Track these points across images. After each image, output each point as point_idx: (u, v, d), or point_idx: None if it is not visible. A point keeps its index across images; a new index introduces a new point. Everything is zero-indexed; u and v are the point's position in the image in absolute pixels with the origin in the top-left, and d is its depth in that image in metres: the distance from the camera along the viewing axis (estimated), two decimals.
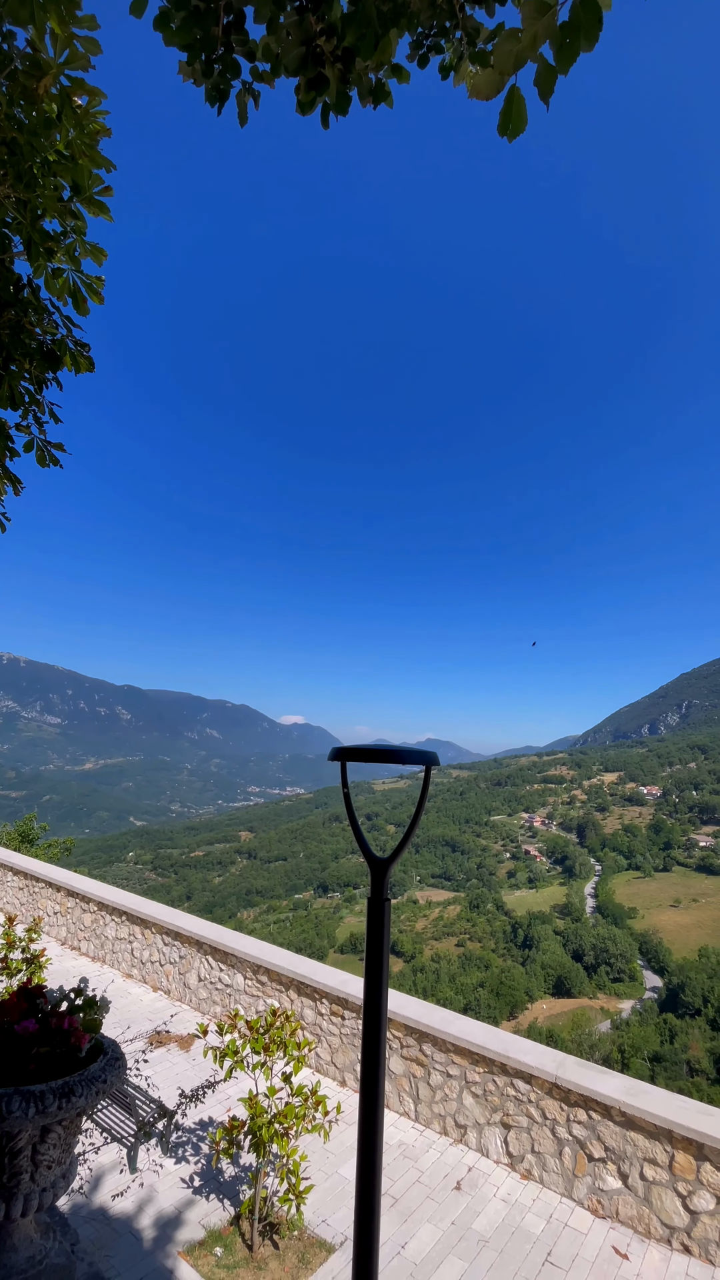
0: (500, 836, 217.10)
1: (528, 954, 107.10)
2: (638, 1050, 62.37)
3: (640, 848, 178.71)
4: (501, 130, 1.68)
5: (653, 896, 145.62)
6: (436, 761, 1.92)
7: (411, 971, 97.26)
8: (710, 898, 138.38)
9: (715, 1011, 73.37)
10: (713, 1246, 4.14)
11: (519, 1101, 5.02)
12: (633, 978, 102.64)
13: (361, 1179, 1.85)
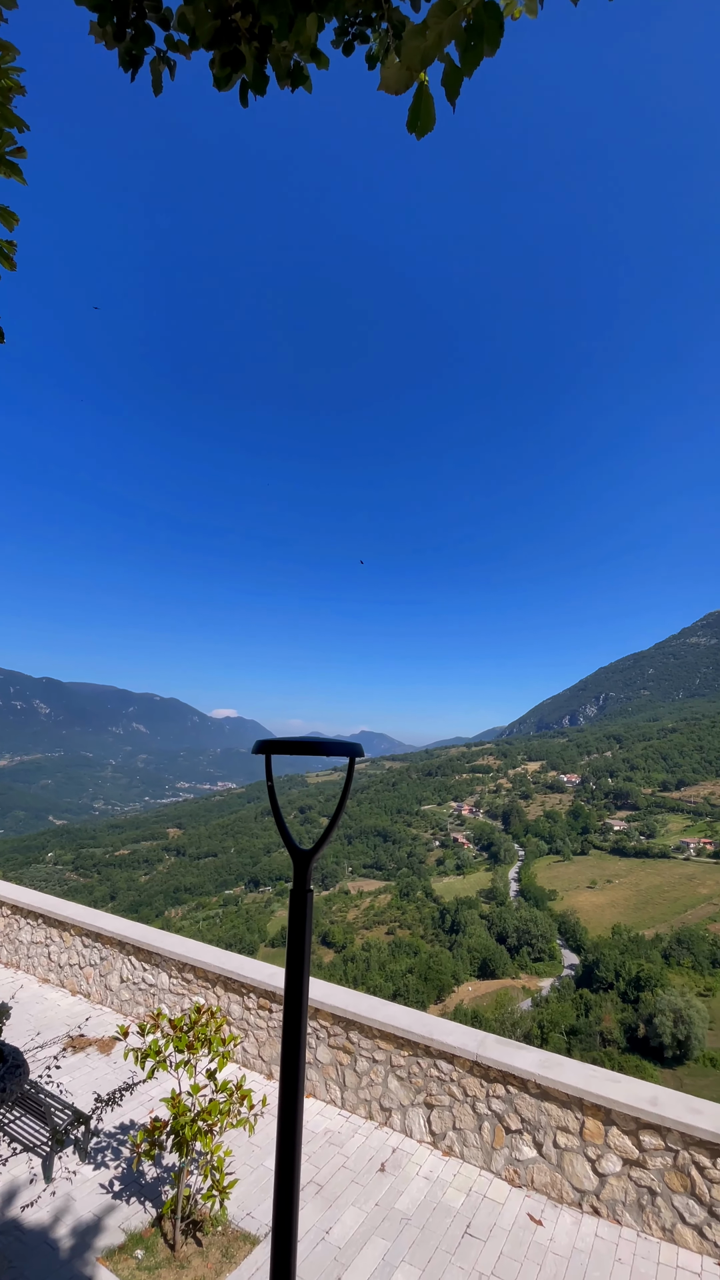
0: (430, 825, 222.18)
1: (455, 938, 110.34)
2: (556, 1025, 65.63)
3: (560, 833, 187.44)
4: (410, 127, 1.69)
5: (571, 879, 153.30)
6: (360, 753, 1.94)
7: (342, 961, 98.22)
8: (623, 878, 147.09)
9: (626, 985, 78.09)
10: (619, 1207, 4.42)
11: (442, 1081, 5.17)
12: (552, 957, 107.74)
13: (281, 1168, 1.86)
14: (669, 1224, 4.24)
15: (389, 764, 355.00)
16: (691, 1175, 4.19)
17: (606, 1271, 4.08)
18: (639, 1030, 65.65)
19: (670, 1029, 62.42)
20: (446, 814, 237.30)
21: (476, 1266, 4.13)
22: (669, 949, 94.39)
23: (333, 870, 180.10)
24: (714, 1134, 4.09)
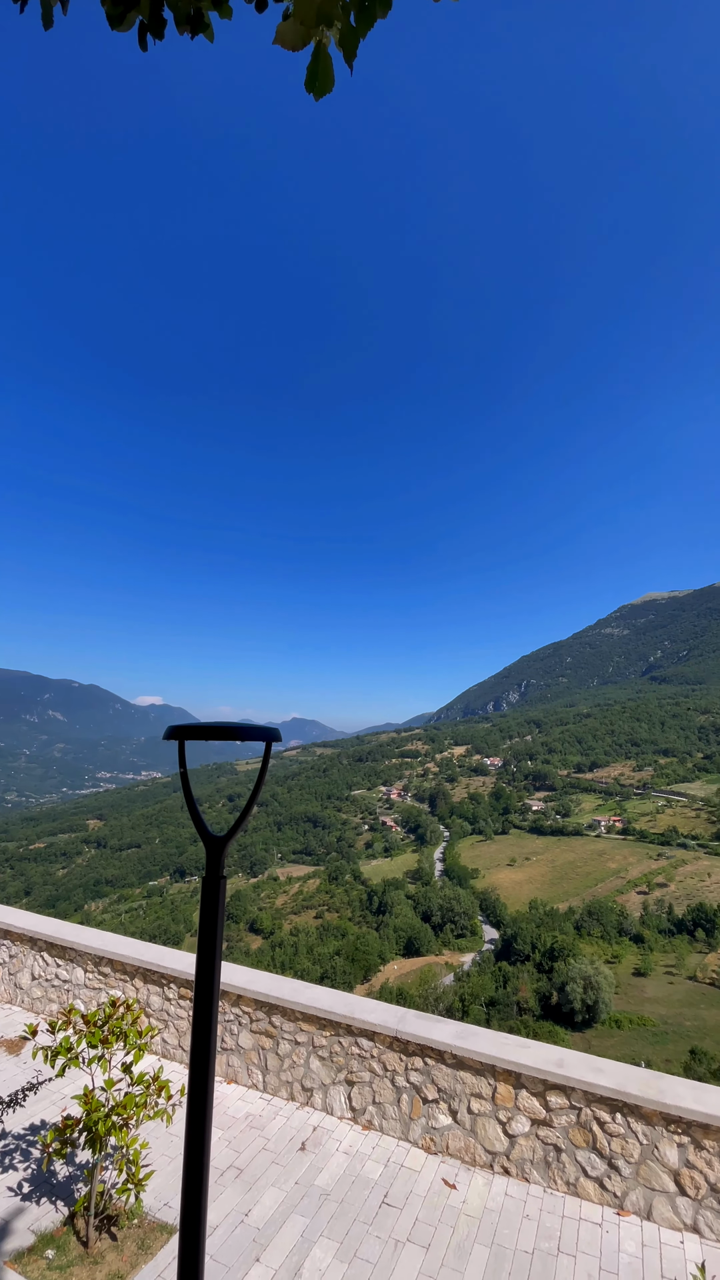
0: (360, 810, 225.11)
1: (382, 919, 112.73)
2: (476, 997, 68.49)
3: (483, 814, 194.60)
4: (308, 87, 1.65)
5: (492, 857, 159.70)
6: (277, 737, 1.91)
7: (270, 947, 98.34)
8: (540, 855, 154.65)
9: (541, 956, 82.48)
10: (527, 1165, 4.67)
11: (363, 1059, 5.28)
12: (474, 933, 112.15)
13: (190, 1154, 1.83)
14: (573, 1178, 4.52)
15: (320, 750, 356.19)
16: (593, 1130, 4.49)
17: (515, 1228, 4.31)
18: (552, 998, 69.55)
19: (580, 995, 66.51)
20: (376, 798, 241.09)
21: (393, 1234, 4.26)
22: (581, 920, 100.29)
23: (261, 857, 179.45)
24: (614, 1090, 4.38)
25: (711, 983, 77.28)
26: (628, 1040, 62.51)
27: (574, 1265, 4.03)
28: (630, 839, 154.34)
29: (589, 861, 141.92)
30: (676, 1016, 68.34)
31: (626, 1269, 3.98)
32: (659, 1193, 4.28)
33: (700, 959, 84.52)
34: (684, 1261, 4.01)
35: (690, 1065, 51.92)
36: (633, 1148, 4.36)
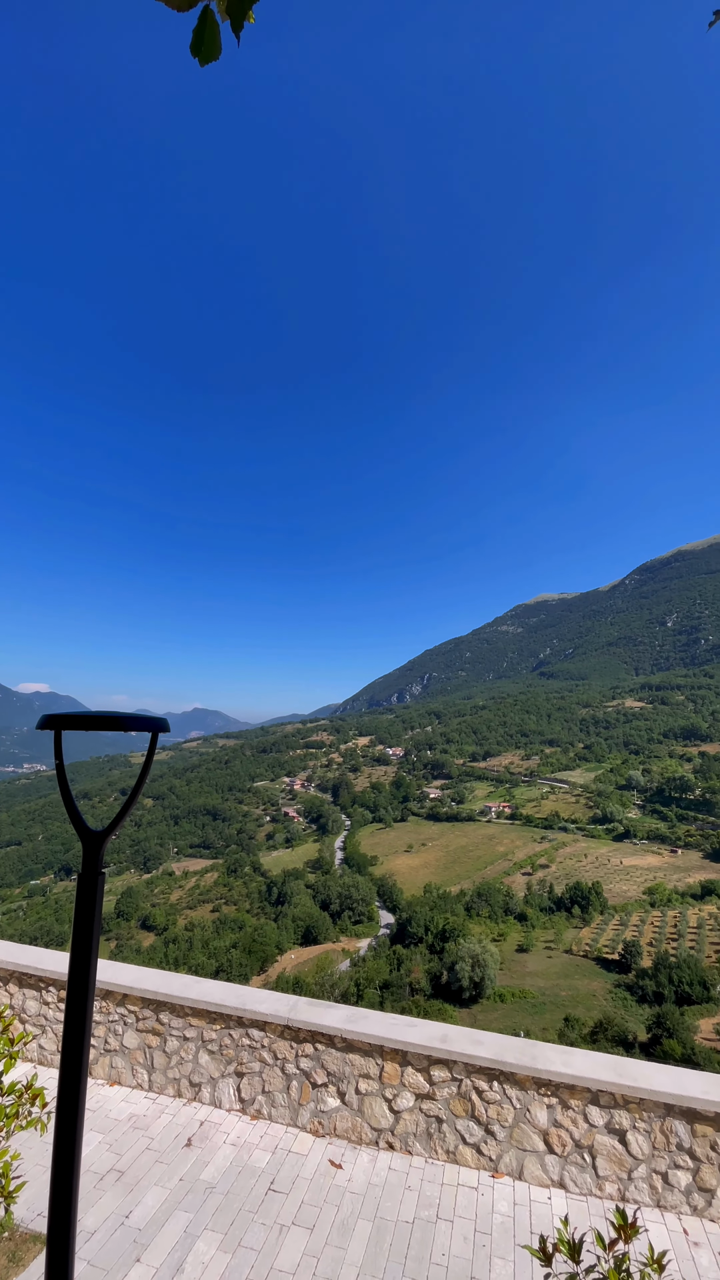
0: (262, 801, 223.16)
1: (281, 910, 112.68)
2: (371, 981, 70.19)
3: (384, 802, 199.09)
4: (193, 51, 1.59)
5: (391, 844, 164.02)
6: (164, 728, 1.83)
7: (163, 944, 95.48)
8: (435, 840, 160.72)
9: (433, 938, 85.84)
10: (411, 1138, 4.85)
11: (253, 1049, 5.25)
12: (371, 918, 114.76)
13: (59, 1158, 1.74)
14: (452, 1147, 4.75)
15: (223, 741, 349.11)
16: (472, 1099, 4.74)
17: (397, 1200, 4.47)
18: (443, 977, 72.64)
19: (468, 973, 69.93)
20: (279, 789, 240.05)
21: (278, 1219, 4.29)
22: (471, 902, 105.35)
23: (156, 852, 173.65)
24: (492, 1060, 4.65)
25: (585, 955, 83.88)
26: (510, 1013, 66.58)
27: (451, 1230, 4.25)
28: (518, 824, 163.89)
29: (480, 846, 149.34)
30: (554, 988, 73.64)
31: (499, 1228, 4.25)
32: (530, 1153, 4.60)
33: (576, 934, 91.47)
34: (551, 1216, 4.33)
35: (564, 1032, 56.19)
36: (507, 1113, 4.65)
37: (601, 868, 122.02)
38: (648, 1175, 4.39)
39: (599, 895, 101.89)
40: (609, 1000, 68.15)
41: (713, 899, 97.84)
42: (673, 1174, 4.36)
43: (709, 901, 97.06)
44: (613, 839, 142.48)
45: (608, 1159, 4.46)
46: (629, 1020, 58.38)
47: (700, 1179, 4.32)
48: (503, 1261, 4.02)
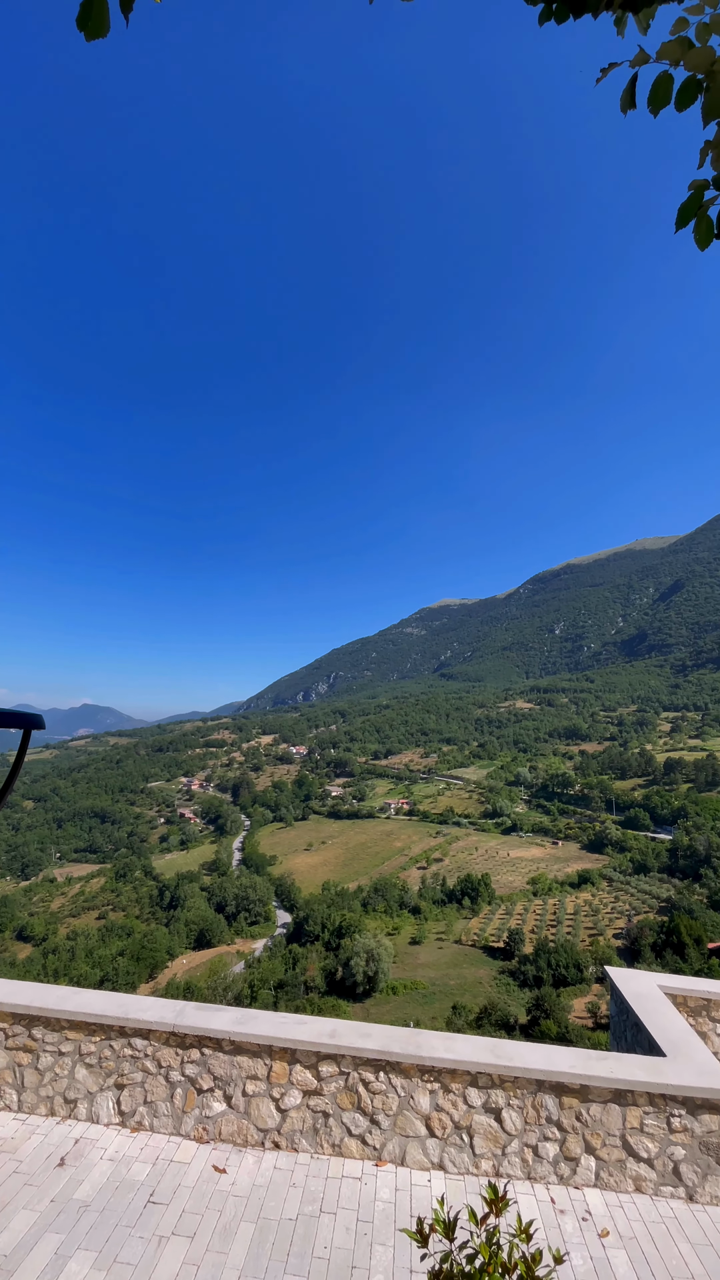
0: (156, 802, 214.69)
1: (173, 914, 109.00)
2: (265, 982, 69.56)
3: (286, 801, 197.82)
4: (79, 25, 1.53)
5: (291, 843, 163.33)
6: (39, 724, 1.72)
7: (41, 955, 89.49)
8: (336, 838, 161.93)
9: (330, 935, 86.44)
10: (297, 1135, 4.86)
11: (135, 1059, 5.05)
12: (268, 919, 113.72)
13: None
14: (338, 1140, 4.81)
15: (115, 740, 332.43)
16: (359, 1092, 4.82)
17: (281, 1198, 4.46)
18: (338, 973, 73.31)
19: (363, 968, 71.03)
20: (175, 790, 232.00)
21: (157, 1231, 4.15)
22: (368, 898, 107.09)
23: (36, 857, 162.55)
24: (379, 1052, 4.75)
25: (473, 944, 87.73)
26: (402, 1004, 68.37)
27: (334, 1222, 4.30)
28: (415, 819, 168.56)
29: (379, 842, 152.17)
30: (443, 977, 76.43)
31: (381, 1215, 4.35)
32: (412, 1138, 4.75)
33: (465, 924, 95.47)
34: (430, 1198, 4.49)
35: (451, 1019, 58.46)
36: (392, 1102, 4.77)
37: (491, 860, 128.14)
38: (520, 1150, 4.67)
39: (488, 886, 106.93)
40: (494, 986, 71.70)
41: (588, 887, 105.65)
42: (542, 1146, 4.65)
43: (584, 889, 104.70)
44: (501, 832, 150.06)
45: (484, 1137, 4.69)
46: (511, 1004, 61.72)
47: (566, 1149, 4.64)
48: (383, 1248, 4.12)
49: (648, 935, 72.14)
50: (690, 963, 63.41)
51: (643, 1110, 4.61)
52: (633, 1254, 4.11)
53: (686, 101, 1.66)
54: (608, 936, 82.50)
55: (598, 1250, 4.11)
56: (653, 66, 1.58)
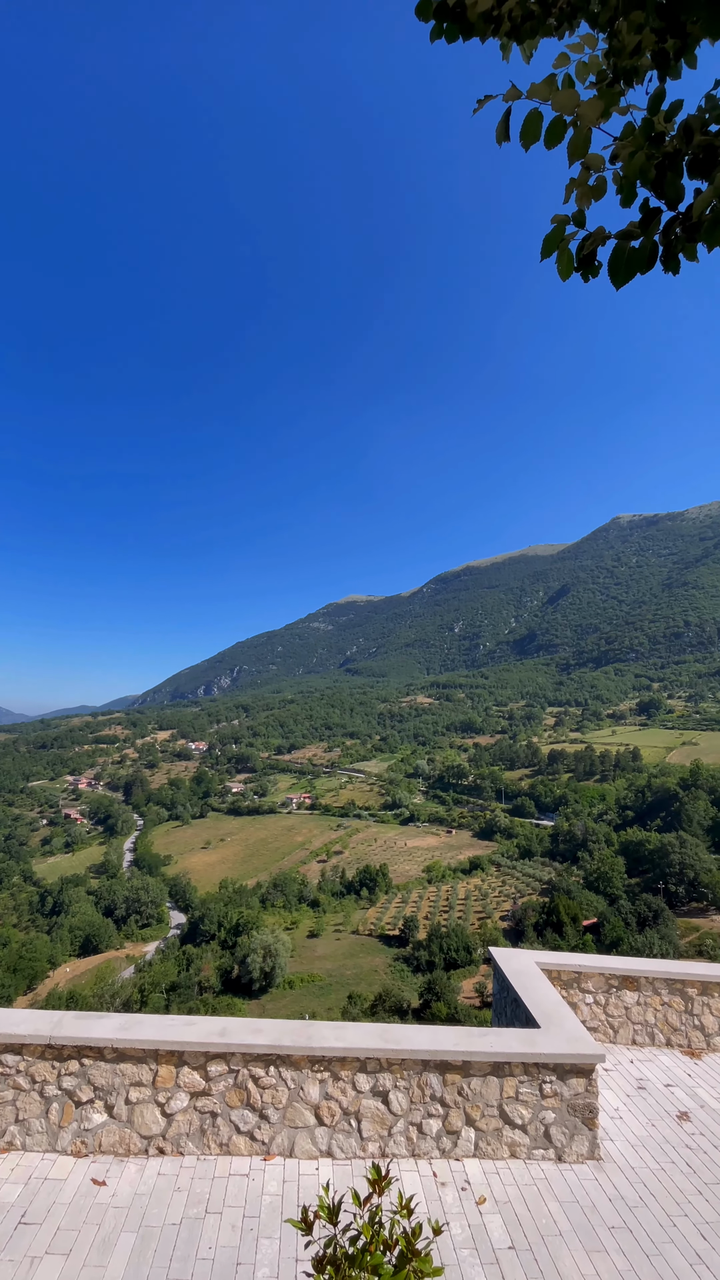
0: (38, 803, 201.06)
1: (55, 920, 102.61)
2: (157, 985, 67.25)
3: (183, 799, 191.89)
4: None
5: (187, 842, 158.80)
6: None
7: None
8: (235, 835, 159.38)
9: (226, 933, 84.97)
10: (183, 1139, 4.74)
11: (6, 1076, 4.71)
12: (161, 920, 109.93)
13: None
14: (226, 1139, 4.75)
15: None
16: (248, 1088, 4.78)
17: (165, 1204, 4.34)
18: (234, 971, 72.27)
19: (260, 964, 70.47)
20: (60, 789, 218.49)
21: (29, 1252, 3.91)
22: (266, 893, 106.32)
23: None
24: (269, 1047, 4.73)
25: (370, 934, 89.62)
26: (299, 998, 68.58)
27: (220, 1221, 4.24)
28: (316, 813, 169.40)
29: (279, 837, 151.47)
30: (340, 968, 77.49)
31: (268, 1209, 4.34)
32: (301, 1129, 4.78)
33: (363, 914, 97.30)
34: (317, 1186, 4.54)
35: (347, 1009, 59.41)
36: (282, 1095, 4.78)
37: (389, 850, 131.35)
38: (405, 1129, 4.83)
39: (385, 877, 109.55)
40: (389, 974, 73.65)
41: (478, 872, 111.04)
42: (426, 1123, 4.85)
43: (475, 875, 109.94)
44: (400, 823, 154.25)
45: (372, 1120, 4.81)
46: (405, 990, 63.67)
47: (449, 1123, 4.86)
48: (269, 1241, 4.12)
49: (531, 916, 76.97)
50: (567, 939, 68.36)
51: (518, 1080, 4.92)
52: (506, 1218, 4.38)
53: (554, 139, 1.73)
54: (495, 919, 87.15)
55: (475, 1218, 4.35)
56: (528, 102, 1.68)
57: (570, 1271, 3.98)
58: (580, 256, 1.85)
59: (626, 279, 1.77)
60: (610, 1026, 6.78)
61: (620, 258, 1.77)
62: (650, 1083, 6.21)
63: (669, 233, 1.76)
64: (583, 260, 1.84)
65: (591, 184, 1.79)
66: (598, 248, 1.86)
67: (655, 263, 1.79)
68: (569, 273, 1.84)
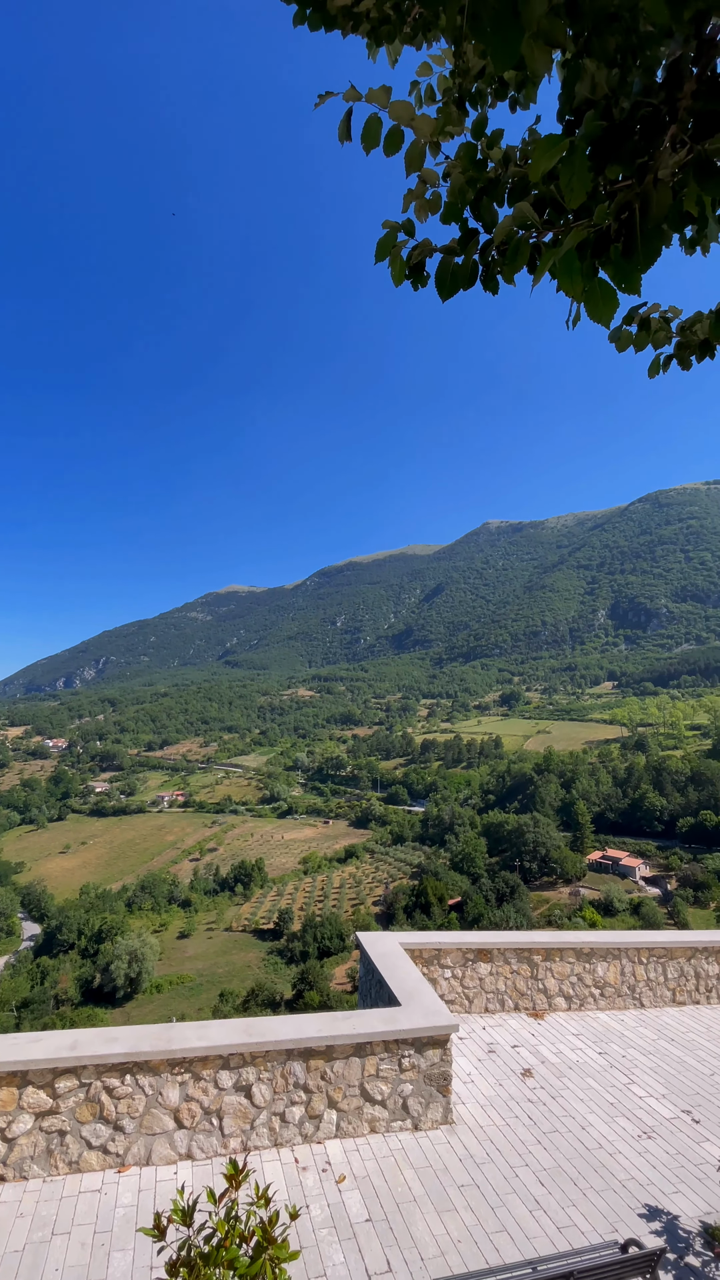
0: None
1: None
2: (5, 1003, 61.85)
3: (37, 801, 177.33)
4: None
5: (44, 847, 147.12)
6: None
7: None
8: (99, 837, 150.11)
9: (87, 941, 79.96)
10: (27, 1163, 4.40)
11: None
12: (11, 933, 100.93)
13: None
14: (75, 1156, 4.47)
15: None
16: (101, 1100, 4.53)
17: (7, 1231, 4.01)
18: (95, 980, 68.26)
19: (124, 970, 67.17)
20: None
21: None
22: (133, 897, 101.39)
23: None
24: (126, 1055, 4.52)
25: (243, 929, 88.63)
26: (167, 1001, 66.24)
27: (68, 1241, 3.99)
28: (190, 811, 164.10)
29: (148, 837, 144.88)
30: (212, 967, 75.89)
31: (121, 1222, 4.15)
32: (159, 1135, 4.62)
33: (237, 911, 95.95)
34: (175, 1191, 4.42)
35: (218, 1007, 58.39)
36: (139, 1103, 4.59)
37: (266, 844, 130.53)
38: (268, 1120, 4.84)
39: (261, 871, 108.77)
40: (262, 968, 73.33)
41: (353, 861, 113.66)
42: (289, 1111, 4.88)
43: (350, 863, 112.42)
44: (278, 816, 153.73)
45: (234, 1116, 4.76)
46: (278, 982, 63.77)
47: (311, 1108, 4.93)
48: (122, 1253, 3.95)
49: (401, 899, 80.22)
50: (434, 919, 72.11)
51: (379, 1058, 5.11)
52: (365, 1192, 4.53)
53: (393, 147, 1.74)
54: (368, 905, 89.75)
55: (335, 1197, 4.46)
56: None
57: (423, 1234, 4.21)
58: (410, 265, 1.88)
59: (451, 293, 1.83)
60: (466, 997, 7.24)
61: (445, 271, 1.84)
62: (500, 1045, 6.72)
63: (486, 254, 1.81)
64: (413, 269, 1.89)
65: (428, 197, 1.84)
66: (425, 258, 1.89)
67: (476, 281, 1.85)
68: (401, 279, 1.89)
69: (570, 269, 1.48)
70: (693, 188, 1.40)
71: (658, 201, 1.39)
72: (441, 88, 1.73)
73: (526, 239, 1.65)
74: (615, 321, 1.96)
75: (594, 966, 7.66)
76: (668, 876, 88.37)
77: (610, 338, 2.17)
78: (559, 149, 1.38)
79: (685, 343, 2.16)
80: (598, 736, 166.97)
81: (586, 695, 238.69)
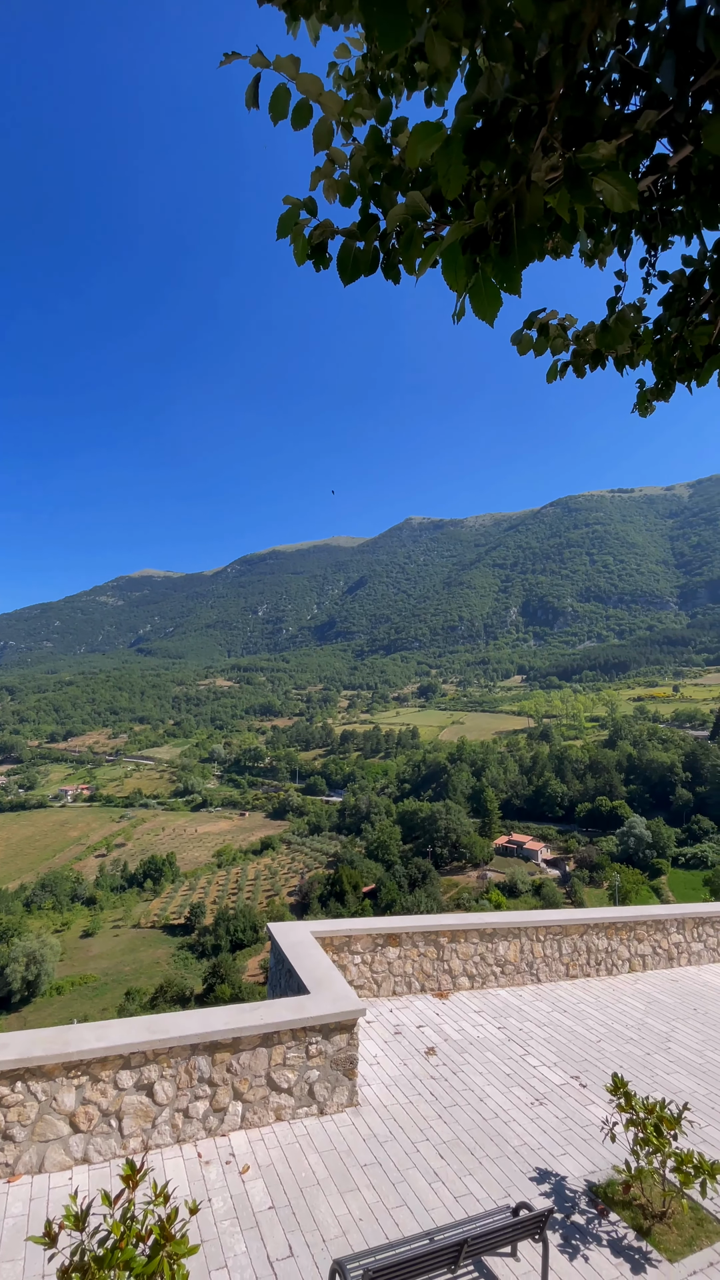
0: None
1: None
2: None
3: None
4: None
5: None
6: None
7: None
8: None
9: None
10: None
11: None
12: None
13: None
14: None
15: None
16: None
17: None
18: None
19: (21, 973, 63.59)
20: None
21: None
22: (32, 896, 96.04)
23: None
24: (16, 1061, 4.28)
25: (152, 926, 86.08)
26: (69, 1003, 63.33)
27: None
28: (96, 805, 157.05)
29: (49, 834, 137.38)
30: (118, 965, 73.24)
31: (11, 1231, 3.95)
32: (52, 1141, 4.42)
33: (146, 907, 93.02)
34: (68, 1196, 4.25)
35: (124, 1006, 56.49)
36: (30, 1110, 4.37)
37: (178, 838, 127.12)
38: (171, 1117, 4.74)
39: (172, 865, 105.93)
40: (172, 964, 71.60)
41: (269, 852, 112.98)
42: (193, 1106, 4.81)
43: (265, 855, 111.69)
44: (191, 810, 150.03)
45: (135, 1116, 4.63)
46: (189, 977, 62.52)
47: (216, 1102, 4.88)
48: (11, 1264, 3.77)
49: (316, 888, 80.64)
50: (349, 906, 73.02)
51: (286, 1046, 5.12)
52: (269, 1180, 4.54)
53: (301, 121, 1.68)
54: (283, 895, 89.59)
55: (238, 1188, 4.44)
56: None
57: (325, 1216, 4.27)
58: (313, 245, 1.85)
59: (353, 277, 1.82)
60: (375, 981, 7.39)
61: (348, 255, 1.82)
62: (405, 1026, 6.92)
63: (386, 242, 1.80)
64: (315, 249, 1.86)
65: (336, 178, 1.81)
66: (328, 239, 1.86)
67: (378, 269, 1.83)
68: (303, 259, 1.86)
69: (453, 263, 1.50)
70: (564, 193, 1.46)
71: (531, 204, 1.43)
72: (357, 71, 1.71)
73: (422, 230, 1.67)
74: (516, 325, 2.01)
75: (496, 946, 8.04)
76: (567, 859, 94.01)
77: (512, 340, 2.25)
78: (436, 138, 1.39)
79: (580, 351, 2.27)
80: (507, 727, 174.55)
81: (498, 688, 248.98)
